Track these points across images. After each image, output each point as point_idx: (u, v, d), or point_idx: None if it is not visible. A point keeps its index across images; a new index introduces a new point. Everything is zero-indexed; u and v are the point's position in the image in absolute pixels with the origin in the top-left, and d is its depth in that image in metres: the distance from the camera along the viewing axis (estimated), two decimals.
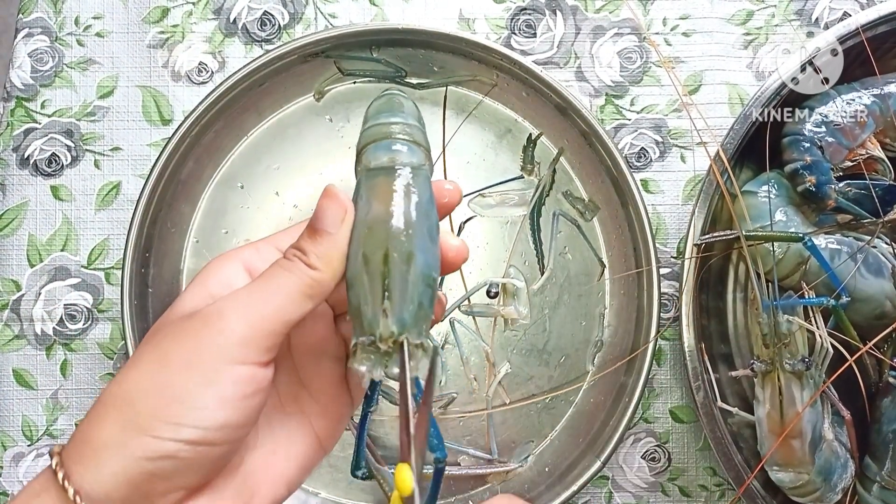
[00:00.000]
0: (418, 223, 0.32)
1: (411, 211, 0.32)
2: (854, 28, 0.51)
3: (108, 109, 0.58)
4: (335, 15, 0.59)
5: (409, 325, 0.31)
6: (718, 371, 0.54)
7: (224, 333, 0.30)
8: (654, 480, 0.57)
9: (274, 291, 0.31)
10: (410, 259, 0.31)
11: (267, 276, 0.32)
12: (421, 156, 0.34)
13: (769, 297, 0.51)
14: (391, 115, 0.35)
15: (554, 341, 0.57)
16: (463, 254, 0.35)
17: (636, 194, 0.53)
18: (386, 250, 0.31)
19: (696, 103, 0.58)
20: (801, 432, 0.50)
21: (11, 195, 0.58)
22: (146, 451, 0.29)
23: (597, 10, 0.58)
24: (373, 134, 0.35)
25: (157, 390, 0.29)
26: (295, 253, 0.32)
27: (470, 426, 0.57)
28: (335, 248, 0.32)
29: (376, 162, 0.34)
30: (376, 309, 0.31)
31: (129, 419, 0.29)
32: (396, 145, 0.34)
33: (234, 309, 0.31)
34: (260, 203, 0.57)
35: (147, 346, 0.31)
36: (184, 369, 0.30)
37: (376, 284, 0.31)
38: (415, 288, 0.31)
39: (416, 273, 0.31)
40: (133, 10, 0.59)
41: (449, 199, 0.35)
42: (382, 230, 0.32)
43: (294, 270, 0.32)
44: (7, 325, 0.57)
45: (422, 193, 0.33)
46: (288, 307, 0.31)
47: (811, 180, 0.52)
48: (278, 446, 0.35)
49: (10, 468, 0.56)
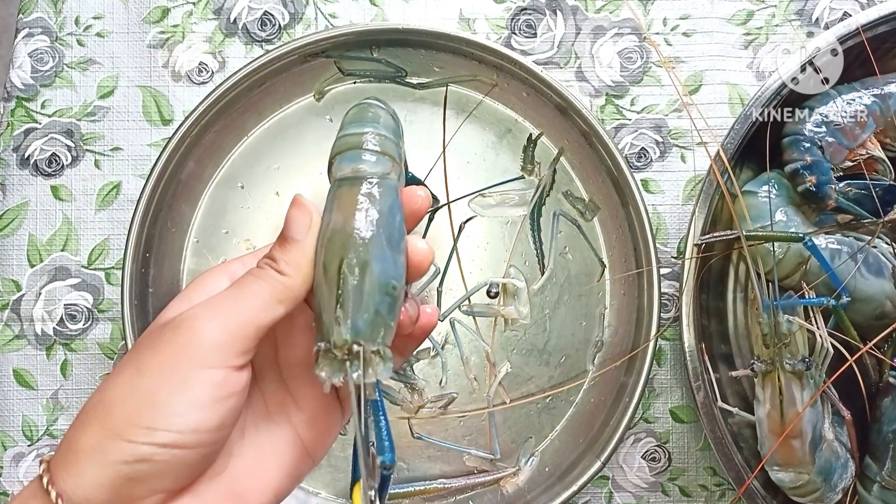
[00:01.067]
0: (376, 231, 0.33)
1: (369, 220, 0.33)
2: (854, 28, 0.51)
3: (109, 109, 0.58)
4: (335, 15, 0.59)
5: (364, 333, 0.31)
6: (719, 371, 0.54)
7: (196, 338, 0.31)
8: (655, 480, 0.57)
9: (245, 297, 0.32)
10: (365, 268, 0.32)
11: (239, 283, 0.33)
12: (387, 165, 0.35)
13: (769, 297, 0.51)
14: (361, 125, 0.36)
15: (554, 341, 0.57)
16: (428, 257, 0.35)
17: (636, 194, 0.53)
18: (341, 260, 0.32)
19: (697, 103, 0.58)
20: (801, 432, 0.50)
21: (12, 195, 0.58)
22: (123, 455, 0.30)
23: (597, 10, 0.58)
24: (341, 145, 0.36)
25: (132, 397, 0.30)
26: (266, 261, 0.34)
27: (471, 426, 0.57)
28: (303, 255, 0.33)
29: (341, 172, 0.35)
30: (330, 317, 0.32)
31: (107, 426, 0.30)
32: (363, 156, 0.35)
33: (206, 315, 0.32)
34: (260, 203, 0.57)
35: (128, 358, 0.32)
36: (157, 375, 0.31)
37: (332, 293, 0.32)
38: (370, 297, 0.32)
39: (371, 282, 0.32)
40: (133, 10, 0.59)
41: (419, 206, 0.36)
42: (339, 239, 0.33)
43: (265, 277, 0.33)
44: (7, 325, 0.57)
45: (383, 202, 0.34)
46: (259, 312, 0.32)
47: (811, 180, 0.52)
48: (265, 454, 0.35)
49: (11, 468, 0.56)
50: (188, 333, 0.31)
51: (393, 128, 0.37)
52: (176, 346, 0.31)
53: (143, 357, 0.31)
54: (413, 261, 0.35)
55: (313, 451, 0.36)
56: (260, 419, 0.35)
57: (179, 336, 0.31)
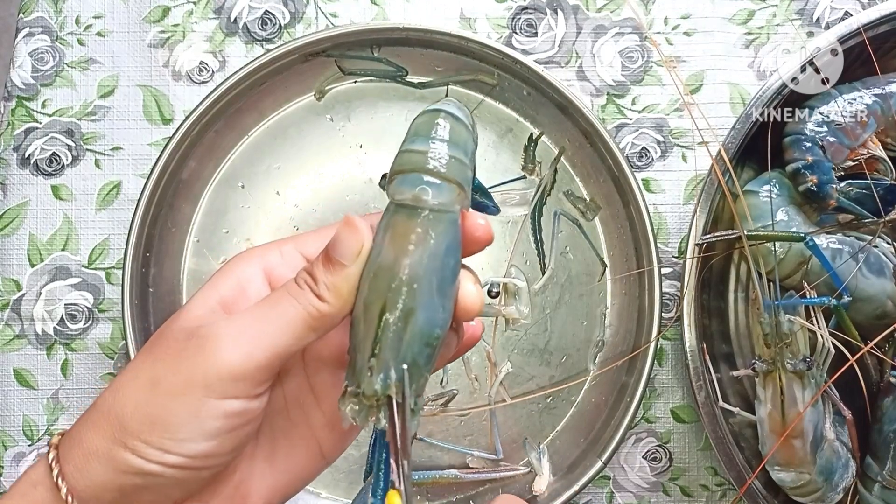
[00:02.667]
0: (427, 277, 0.30)
1: (422, 263, 0.30)
2: (855, 27, 0.51)
3: (109, 109, 0.58)
4: (336, 14, 0.59)
5: (396, 384, 0.29)
6: (720, 371, 0.54)
7: (218, 364, 0.29)
8: (656, 480, 0.57)
9: (275, 319, 0.30)
10: (409, 316, 0.29)
11: (271, 300, 0.31)
12: (452, 194, 0.31)
13: (771, 297, 0.51)
14: (428, 141, 0.31)
15: (555, 341, 0.57)
16: (478, 303, 0.32)
17: (637, 194, 0.53)
18: (384, 304, 0.29)
19: (698, 103, 0.58)
20: (802, 432, 0.50)
21: (12, 195, 0.58)
22: (132, 467, 0.29)
23: (598, 10, 0.58)
24: (403, 162, 0.31)
25: (145, 414, 0.29)
26: (305, 279, 0.31)
27: (472, 427, 0.56)
28: (346, 282, 0.30)
29: (400, 196, 0.31)
30: (363, 363, 0.29)
31: (117, 435, 0.29)
32: (424, 181, 0.31)
33: (231, 336, 0.29)
34: (261, 202, 0.57)
35: (147, 358, 0.31)
36: (172, 398, 0.29)
37: (369, 337, 0.29)
38: (409, 348, 0.29)
39: (413, 332, 0.29)
40: (134, 9, 0.58)
41: (478, 237, 0.32)
42: (386, 280, 0.30)
43: (301, 299, 0.30)
44: (8, 325, 0.57)
45: (439, 243, 0.30)
46: (288, 338, 0.30)
47: (813, 180, 0.52)
48: (277, 455, 0.34)
49: (11, 468, 0.56)
50: (211, 357, 0.29)
51: (465, 144, 0.32)
52: (196, 369, 0.29)
53: (161, 372, 0.30)
54: (462, 305, 0.32)
55: (329, 454, 0.35)
56: (277, 417, 0.34)
57: (201, 357, 0.29)
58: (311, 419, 0.34)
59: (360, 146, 0.58)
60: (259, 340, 0.29)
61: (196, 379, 0.29)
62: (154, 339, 0.32)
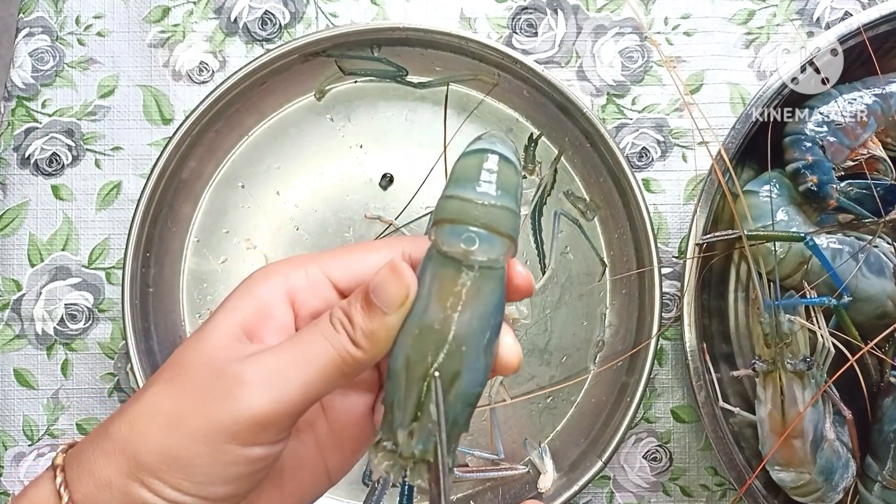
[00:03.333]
0: (475, 338, 0.29)
1: (471, 325, 0.29)
2: (855, 27, 0.51)
3: (109, 109, 0.58)
4: (336, 14, 0.59)
5: (434, 447, 0.29)
6: (720, 371, 0.54)
7: (244, 412, 0.28)
8: (656, 480, 0.57)
9: (307, 363, 0.29)
10: (455, 379, 0.29)
11: (303, 340, 0.29)
12: (501, 249, 0.29)
13: (771, 297, 0.51)
14: (479, 187, 0.29)
15: (555, 341, 0.57)
16: (516, 359, 0.31)
17: (638, 194, 0.53)
18: (430, 366, 0.28)
19: (698, 103, 0.58)
20: (802, 432, 0.50)
21: (12, 195, 0.58)
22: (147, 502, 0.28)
23: (598, 10, 0.58)
24: (449, 210, 0.29)
25: (164, 453, 0.28)
26: (342, 321, 0.29)
27: (472, 427, 0.56)
28: (385, 330, 0.29)
29: (449, 248, 0.29)
30: (403, 423, 0.29)
31: (132, 470, 0.28)
32: (474, 234, 0.29)
33: (259, 381, 0.28)
34: (261, 202, 0.57)
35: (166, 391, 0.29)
36: (194, 440, 0.28)
37: (411, 397, 0.29)
38: (451, 409, 0.29)
39: (457, 394, 0.29)
40: (134, 9, 0.58)
41: (520, 285, 0.31)
42: (433, 340, 0.28)
43: (335, 342, 0.29)
44: (8, 325, 0.57)
45: (488, 301, 0.29)
46: (319, 384, 0.29)
47: (813, 180, 0.52)
48: (284, 477, 0.33)
49: (11, 468, 0.56)
50: (238, 403, 0.28)
51: (515, 189, 0.30)
52: (223, 414, 0.28)
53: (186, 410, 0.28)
54: (503, 361, 0.31)
55: (334, 473, 0.34)
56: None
57: (228, 403, 0.28)
58: (320, 437, 0.33)
59: (361, 146, 0.58)
60: (288, 385, 0.28)
61: (222, 425, 0.28)
62: (174, 368, 0.30)
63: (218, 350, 0.30)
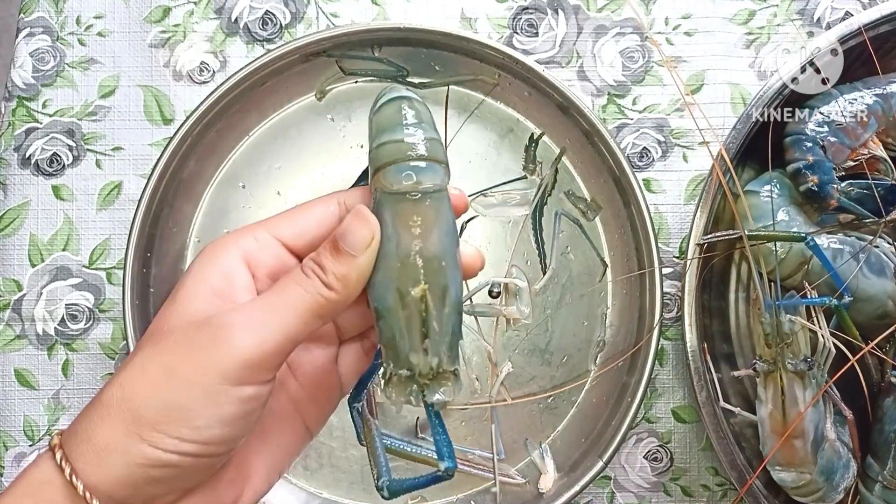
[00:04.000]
0: (448, 252, 0.32)
1: (442, 241, 0.32)
2: (856, 27, 0.51)
3: (110, 109, 0.58)
4: (337, 14, 0.59)
5: (449, 358, 0.32)
6: (721, 371, 0.54)
7: (231, 353, 0.30)
8: (657, 480, 0.57)
9: (285, 308, 0.31)
10: (446, 293, 0.32)
11: (279, 289, 0.32)
12: (442, 174, 0.33)
13: (771, 297, 0.51)
14: (409, 129, 0.33)
15: (556, 341, 0.57)
16: (478, 260, 0.35)
17: (638, 194, 0.53)
18: (423, 289, 0.31)
19: (699, 103, 0.58)
20: (803, 432, 0.50)
21: (13, 195, 0.58)
22: (148, 458, 0.29)
23: (599, 10, 0.58)
24: (391, 152, 0.33)
25: (161, 404, 0.30)
26: (313, 269, 0.32)
27: (473, 428, 0.57)
28: (356, 271, 0.31)
29: (398, 186, 0.32)
30: (415, 346, 0.31)
31: (131, 427, 0.29)
32: (419, 167, 0.32)
33: (243, 324, 0.30)
34: (262, 203, 0.57)
35: (153, 352, 0.31)
36: (188, 387, 0.30)
37: (414, 323, 0.31)
38: (449, 321, 0.32)
39: (451, 305, 0.32)
40: (134, 9, 0.58)
41: (460, 205, 0.35)
42: (416, 265, 0.31)
43: (309, 288, 0.31)
44: (8, 325, 0.57)
45: (447, 218, 0.32)
46: (298, 326, 0.31)
47: (813, 180, 0.52)
48: (268, 434, 0.35)
49: (12, 468, 0.56)
50: (225, 345, 0.30)
51: (431, 122, 0.34)
52: (210, 359, 0.30)
53: (175, 363, 0.30)
54: (468, 265, 0.34)
55: (313, 427, 0.36)
56: None
57: (215, 347, 0.30)
58: (293, 394, 0.36)
59: (361, 146, 0.58)
60: (270, 328, 0.30)
61: (212, 367, 0.30)
62: (157, 334, 0.32)
63: (197, 311, 0.32)
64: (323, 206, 0.34)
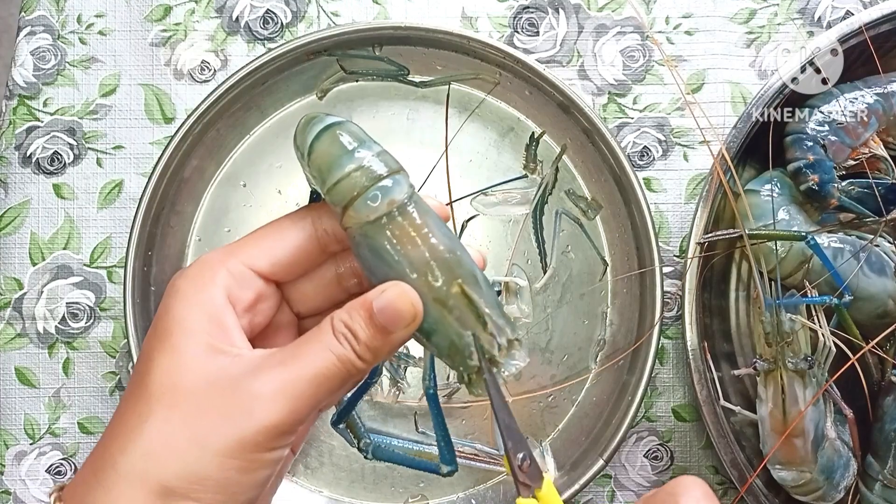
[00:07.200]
0: (452, 239, 0.32)
1: (443, 233, 0.32)
2: (857, 27, 0.51)
3: (111, 108, 0.58)
4: (338, 13, 0.59)
5: (508, 326, 0.32)
6: (721, 370, 0.54)
7: (265, 426, 0.30)
8: (657, 479, 0.57)
9: (315, 377, 0.30)
10: (475, 276, 0.32)
11: (307, 352, 0.31)
12: (406, 180, 0.33)
13: (772, 296, 0.51)
14: (357, 154, 0.32)
15: (556, 340, 0.57)
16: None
17: (639, 193, 0.53)
18: (457, 284, 0.31)
19: (699, 102, 0.58)
20: (803, 431, 0.50)
21: (13, 193, 0.58)
22: None
23: (599, 9, 0.58)
24: (350, 187, 0.32)
25: (195, 475, 0.29)
26: (346, 335, 0.31)
27: (473, 426, 0.57)
28: (389, 347, 0.31)
29: (375, 213, 0.31)
30: (483, 336, 0.32)
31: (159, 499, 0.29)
32: (385, 186, 0.32)
33: (274, 398, 0.30)
34: (263, 201, 0.57)
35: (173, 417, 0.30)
36: (224, 457, 0.29)
37: (468, 317, 0.31)
38: (490, 295, 0.32)
39: (483, 283, 0.32)
40: (135, 8, 0.58)
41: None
42: (437, 269, 0.31)
43: (341, 357, 0.30)
44: (9, 324, 0.57)
45: (432, 216, 0.33)
46: (326, 392, 0.31)
47: (814, 179, 0.52)
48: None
49: (13, 467, 0.56)
50: (257, 418, 0.29)
51: (363, 133, 0.33)
52: (243, 431, 0.29)
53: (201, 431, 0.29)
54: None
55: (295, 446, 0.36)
56: None
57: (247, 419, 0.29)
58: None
59: None
60: (302, 398, 0.30)
61: (246, 440, 0.29)
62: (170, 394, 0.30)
63: (206, 368, 0.30)
64: (296, 229, 0.33)
